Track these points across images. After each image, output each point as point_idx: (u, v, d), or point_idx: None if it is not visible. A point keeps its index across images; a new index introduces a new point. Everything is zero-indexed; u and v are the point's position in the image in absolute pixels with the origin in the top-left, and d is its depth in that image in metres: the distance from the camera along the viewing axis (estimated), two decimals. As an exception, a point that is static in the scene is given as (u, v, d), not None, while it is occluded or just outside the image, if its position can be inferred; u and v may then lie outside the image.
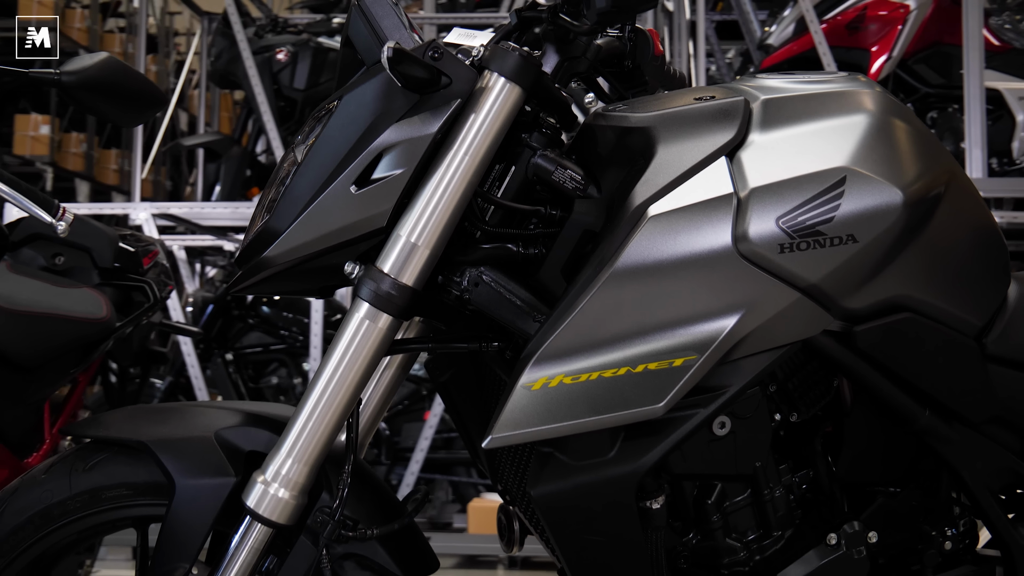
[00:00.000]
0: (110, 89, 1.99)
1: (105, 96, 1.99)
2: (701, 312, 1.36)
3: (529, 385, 1.35)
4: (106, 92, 1.99)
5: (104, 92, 1.99)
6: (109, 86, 1.99)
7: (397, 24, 1.47)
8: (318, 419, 1.42)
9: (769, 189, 1.39)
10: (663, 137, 1.44)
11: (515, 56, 1.42)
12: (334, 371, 1.42)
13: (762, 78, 1.60)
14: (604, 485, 1.39)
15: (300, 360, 5.29)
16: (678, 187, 1.39)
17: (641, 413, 1.35)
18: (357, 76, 1.48)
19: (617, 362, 1.35)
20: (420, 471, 4.72)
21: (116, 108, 2.03)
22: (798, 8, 5.13)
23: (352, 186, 1.41)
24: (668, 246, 1.36)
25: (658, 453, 1.39)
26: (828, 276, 1.41)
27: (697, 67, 5.92)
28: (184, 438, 1.48)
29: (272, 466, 1.43)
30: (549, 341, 1.35)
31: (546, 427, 1.35)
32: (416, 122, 1.41)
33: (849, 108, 1.50)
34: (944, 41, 5.06)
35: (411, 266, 1.41)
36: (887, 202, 1.42)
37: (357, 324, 1.42)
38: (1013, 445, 1.63)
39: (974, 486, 1.59)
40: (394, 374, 1.68)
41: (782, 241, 1.38)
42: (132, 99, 2.04)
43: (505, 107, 1.43)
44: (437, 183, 1.41)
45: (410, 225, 1.41)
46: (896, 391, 1.53)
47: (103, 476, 1.51)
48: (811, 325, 1.43)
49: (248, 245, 1.51)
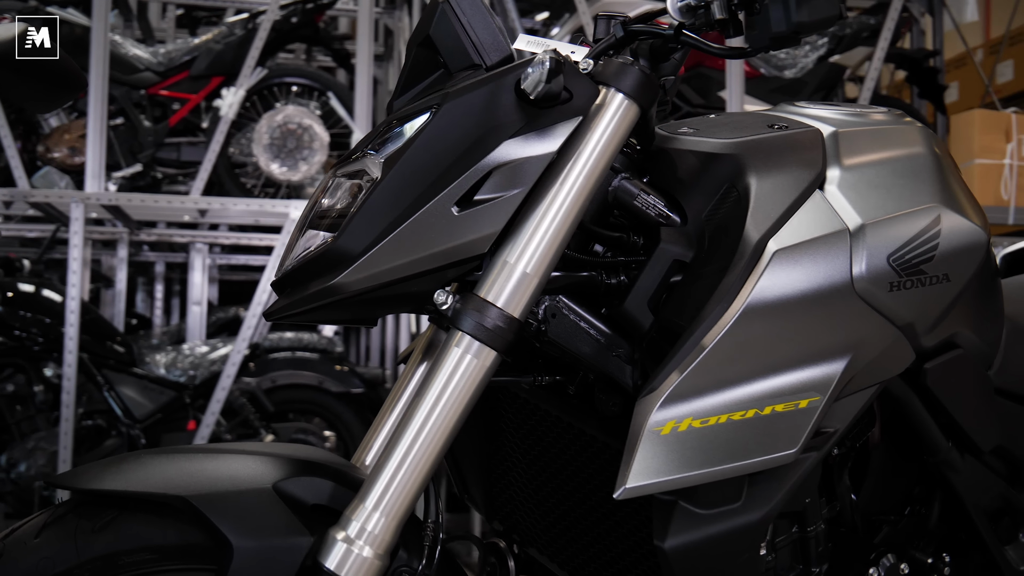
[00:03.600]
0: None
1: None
2: (821, 351, 1.33)
3: (658, 429, 1.26)
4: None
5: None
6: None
7: (490, 27, 1.33)
8: (410, 468, 1.25)
9: (878, 226, 1.38)
10: (753, 166, 1.39)
11: (637, 73, 1.33)
12: (429, 413, 1.26)
13: (802, 106, 1.59)
14: (738, 533, 1.32)
15: (41, 365, 4.75)
16: (789, 220, 1.35)
17: (777, 459, 1.30)
18: (456, 82, 1.31)
19: (744, 403, 1.29)
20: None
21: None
22: (576, 18, 5.22)
23: (454, 207, 1.25)
24: (794, 282, 1.32)
25: (784, 499, 1.34)
26: (922, 314, 1.42)
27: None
28: (238, 491, 1.26)
29: (355, 522, 1.24)
30: (679, 381, 1.26)
31: (685, 475, 1.26)
32: (533, 139, 1.28)
33: (912, 144, 1.51)
34: (705, 64, 5.34)
35: (519, 296, 1.28)
36: (975, 241, 1.45)
37: (457, 360, 1.27)
38: (1004, 473, 1.72)
39: (974, 512, 1.66)
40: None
41: (892, 279, 1.37)
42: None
43: (622, 126, 1.32)
44: (548, 206, 1.29)
45: (518, 251, 1.28)
46: (931, 423, 1.57)
47: (119, 538, 1.25)
48: (902, 362, 1.43)
49: (299, 268, 1.31)
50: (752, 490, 1.34)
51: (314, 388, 4.94)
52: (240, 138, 5.58)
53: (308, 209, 1.39)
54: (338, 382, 4.94)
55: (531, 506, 1.62)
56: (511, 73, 1.28)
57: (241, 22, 5.80)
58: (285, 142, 5.54)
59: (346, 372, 5.01)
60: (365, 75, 5.64)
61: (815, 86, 5.47)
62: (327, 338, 5.22)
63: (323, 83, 5.77)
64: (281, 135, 5.53)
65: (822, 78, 5.51)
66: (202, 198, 4.76)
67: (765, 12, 1.27)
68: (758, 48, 1.30)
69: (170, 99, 5.74)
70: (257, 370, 4.94)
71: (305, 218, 1.38)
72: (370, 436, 1.49)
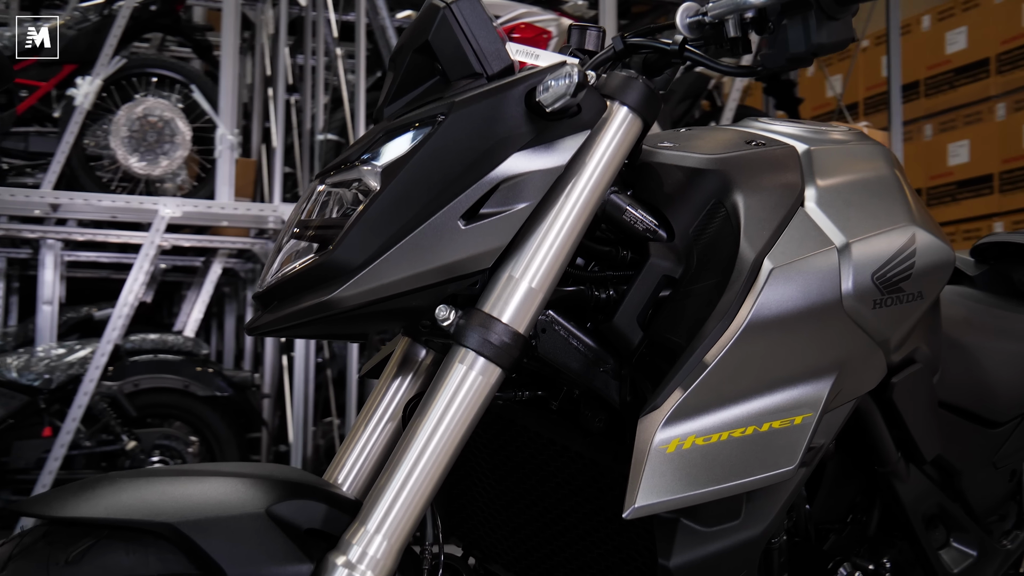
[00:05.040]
0: None
1: None
2: (813, 367, 1.35)
3: (664, 447, 1.24)
4: None
5: None
6: None
7: (492, 35, 1.29)
8: (413, 489, 1.21)
9: (861, 245, 1.40)
10: (739, 183, 1.40)
11: (642, 87, 1.32)
12: (433, 432, 1.22)
13: (767, 122, 1.61)
14: (739, 550, 1.32)
15: None
16: (780, 238, 1.36)
17: (777, 476, 1.30)
18: (457, 91, 1.27)
19: (744, 421, 1.29)
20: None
21: None
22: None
23: (460, 220, 1.22)
24: (790, 300, 1.33)
25: (780, 514, 1.35)
26: (897, 331, 1.46)
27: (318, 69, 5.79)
28: (229, 517, 1.18)
29: (357, 546, 1.19)
30: (683, 399, 1.26)
31: (692, 493, 1.25)
32: (542, 152, 1.25)
33: (878, 163, 1.55)
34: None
35: (524, 312, 1.25)
36: (946, 259, 1.50)
37: (462, 377, 1.23)
38: (939, 482, 1.79)
39: (913, 519, 1.72)
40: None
41: (875, 297, 1.40)
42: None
43: (626, 140, 1.31)
44: (552, 220, 1.27)
45: (523, 265, 1.25)
46: (887, 435, 1.62)
47: (96, 570, 1.16)
48: (877, 377, 1.47)
49: (289, 281, 1.25)
50: (750, 506, 1.35)
51: (179, 392, 4.76)
52: (96, 130, 5.33)
53: (292, 219, 1.33)
54: (204, 386, 4.77)
55: (499, 522, 1.59)
56: (521, 84, 1.25)
57: (96, 7, 5.54)
58: (145, 135, 5.33)
59: (213, 375, 4.84)
60: (230, 68, 5.48)
61: (682, 95, 5.61)
62: (192, 340, 5.03)
63: (187, 75, 5.56)
64: (141, 128, 5.31)
65: (688, 87, 5.65)
66: (60, 192, 4.52)
67: (783, 33, 1.28)
68: (771, 67, 1.31)
69: (18, 86, 5.43)
70: (116, 374, 4.72)
71: (288, 228, 1.32)
72: (343, 454, 1.43)
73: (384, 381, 1.46)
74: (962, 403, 1.78)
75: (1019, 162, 6.22)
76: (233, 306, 6.96)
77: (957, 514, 1.80)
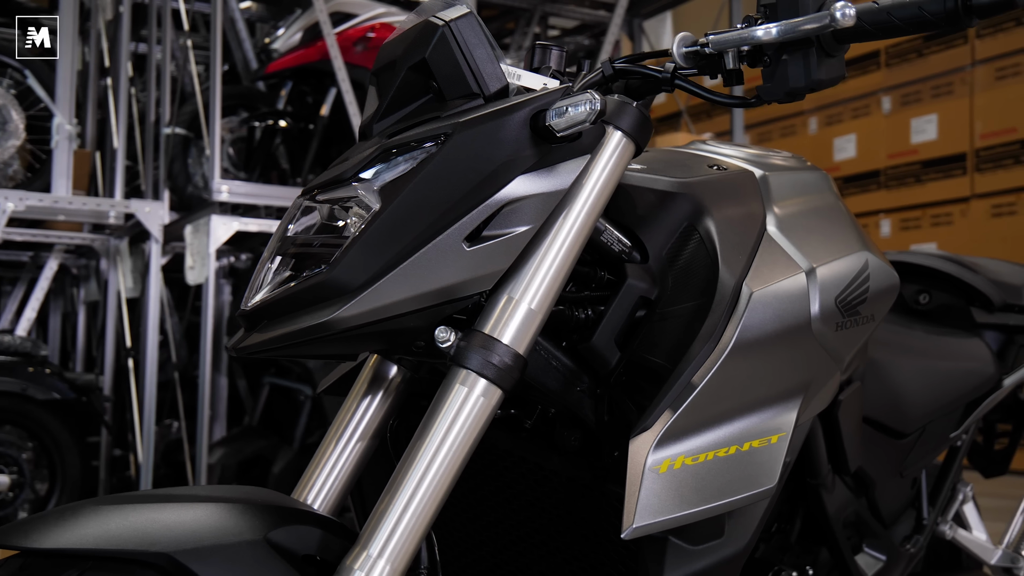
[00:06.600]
0: None
1: None
2: (784, 388, 1.40)
3: (657, 468, 1.27)
4: None
5: None
6: None
7: (490, 56, 1.29)
8: (415, 513, 1.19)
9: (824, 269, 1.46)
10: (709, 206, 1.44)
11: (636, 113, 1.33)
12: (435, 455, 1.20)
13: (715, 145, 1.66)
14: (724, 566, 1.36)
15: None
16: (754, 262, 1.41)
17: (760, 494, 1.35)
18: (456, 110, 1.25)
19: (727, 441, 1.33)
20: None
21: None
22: (309, 15, 5.08)
23: (464, 242, 1.21)
24: (769, 323, 1.37)
25: (759, 529, 1.39)
26: (850, 352, 1.53)
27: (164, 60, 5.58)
28: (228, 545, 1.13)
29: (359, 572, 1.16)
30: (672, 420, 1.28)
31: (685, 512, 1.28)
32: (545, 175, 1.25)
33: (824, 190, 1.63)
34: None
35: (523, 333, 1.25)
36: (893, 283, 1.59)
37: (463, 399, 1.22)
38: (856, 491, 1.89)
39: (835, 527, 1.81)
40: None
41: (838, 320, 1.47)
42: None
43: (621, 164, 1.33)
44: (551, 242, 1.27)
45: (522, 287, 1.25)
46: (823, 448, 1.69)
47: None
48: (832, 395, 1.53)
49: (281, 300, 1.21)
50: (732, 524, 1.39)
51: (16, 395, 4.49)
52: (-81, 115, 4.98)
53: (278, 237, 1.29)
54: (44, 388, 4.52)
55: (460, 539, 1.58)
56: (525, 106, 1.24)
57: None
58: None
59: (53, 377, 4.59)
60: (69, 54, 5.24)
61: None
62: (31, 340, 4.75)
63: (21, 60, 5.25)
64: (-31, 115, 4.99)
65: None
66: None
67: (783, 67, 1.32)
68: (768, 100, 1.35)
69: None
70: (-55, 376, 4.42)
71: (274, 247, 1.28)
72: (311, 474, 1.39)
73: (353, 399, 1.43)
74: (877, 416, 1.88)
75: (906, 157, 6.42)
76: (59, 303, 6.62)
77: (870, 521, 1.90)
